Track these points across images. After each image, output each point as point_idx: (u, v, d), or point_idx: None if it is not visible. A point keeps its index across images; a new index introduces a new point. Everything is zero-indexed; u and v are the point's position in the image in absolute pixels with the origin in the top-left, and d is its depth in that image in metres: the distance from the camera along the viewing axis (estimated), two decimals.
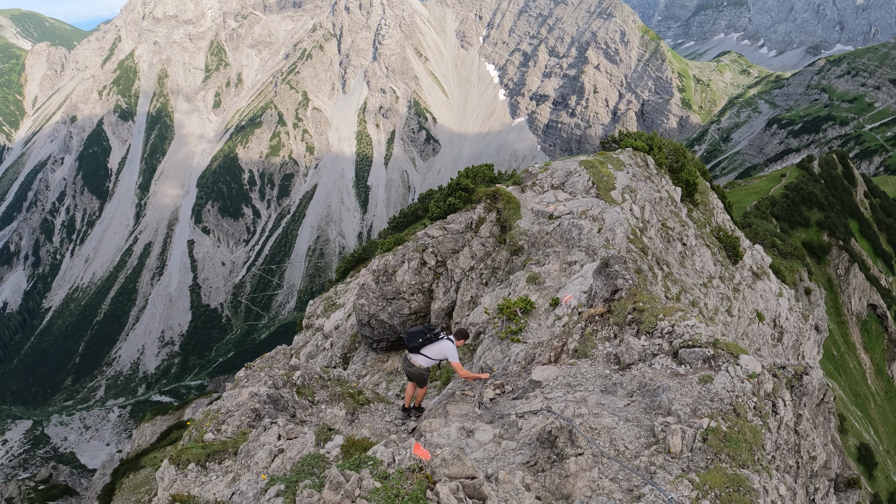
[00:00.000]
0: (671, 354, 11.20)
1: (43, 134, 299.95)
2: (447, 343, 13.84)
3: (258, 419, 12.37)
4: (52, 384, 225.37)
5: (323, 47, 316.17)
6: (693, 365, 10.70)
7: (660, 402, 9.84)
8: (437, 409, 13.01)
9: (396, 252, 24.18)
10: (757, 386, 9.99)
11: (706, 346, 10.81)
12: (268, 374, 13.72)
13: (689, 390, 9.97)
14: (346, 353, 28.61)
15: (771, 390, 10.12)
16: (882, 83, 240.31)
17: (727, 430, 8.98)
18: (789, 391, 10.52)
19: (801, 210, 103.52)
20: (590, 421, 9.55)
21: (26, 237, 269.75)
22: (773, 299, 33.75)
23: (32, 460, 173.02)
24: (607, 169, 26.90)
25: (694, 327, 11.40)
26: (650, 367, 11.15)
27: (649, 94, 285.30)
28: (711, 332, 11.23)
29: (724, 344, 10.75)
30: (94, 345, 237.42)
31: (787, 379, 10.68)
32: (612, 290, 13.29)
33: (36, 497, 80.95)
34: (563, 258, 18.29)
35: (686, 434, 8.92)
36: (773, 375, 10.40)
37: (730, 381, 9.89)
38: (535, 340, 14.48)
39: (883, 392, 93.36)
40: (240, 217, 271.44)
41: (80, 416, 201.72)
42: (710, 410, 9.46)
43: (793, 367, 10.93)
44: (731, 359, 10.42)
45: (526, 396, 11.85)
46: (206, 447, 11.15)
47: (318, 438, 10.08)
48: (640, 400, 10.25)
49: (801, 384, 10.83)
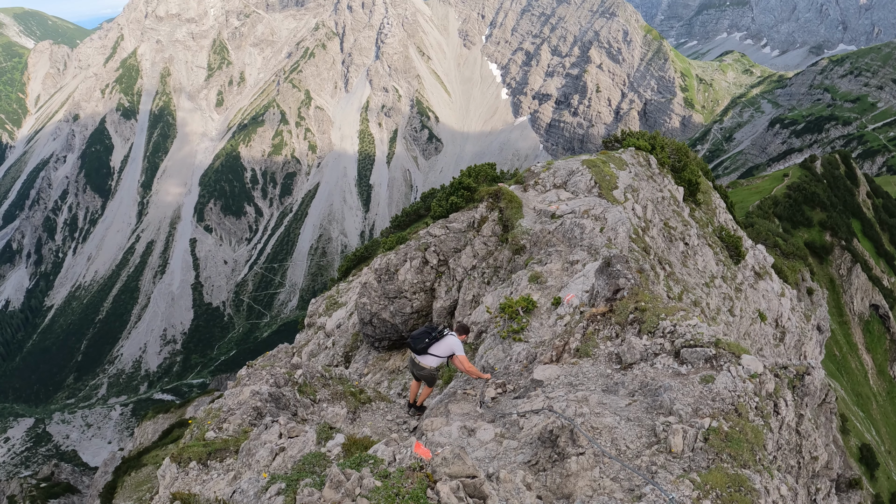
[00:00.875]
0: (673, 354, 11.16)
1: (45, 132, 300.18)
2: (452, 338, 13.87)
3: (260, 417, 12.35)
4: (54, 382, 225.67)
5: (325, 46, 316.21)
6: (695, 365, 10.66)
7: (661, 401, 9.80)
8: (438, 408, 13.00)
9: (398, 251, 24.16)
10: (759, 386, 9.96)
11: (708, 345, 10.77)
12: (270, 372, 13.69)
13: (690, 390, 9.92)
14: (348, 351, 28.61)
15: (773, 390, 10.10)
16: (885, 83, 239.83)
17: (729, 430, 8.95)
18: (791, 391, 10.48)
19: (803, 210, 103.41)
20: (591, 420, 9.53)
21: (29, 235, 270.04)
22: (775, 299, 33.72)
23: (34, 458, 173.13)
24: (609, 168, 26.89)
25: (696, 327, 11.36)
26: (652, 366, 11.10)
27: (652, 93, 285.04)
28: (713, 332, 11.18)
29: (725, 344, 10.71)
30: (97, 343, 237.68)
31: (789, 379, 10.63)
32: (614, 290, 13.24)
33: (38, 495, 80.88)
34: (565, 257, 18.27)
35: (687, 434, 8.90)
36: (774, 375, 10.36)
37: (731, 381, 9.85)
38: (536, 339, 14.47)
39: (885, 393, 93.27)
40: (242, 215, 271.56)
41: (82, 414, 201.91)
42: (712, 410, 9.43)
43: (794, 367, 10.87)
44: (732, 359, 10.38)
45: (527, 395, 11.83)
46: (208, 445, 11.12)
47: (320, 437, 10.04)
48: (642, 399, 10.21)
49: (803, 384, 10.77)
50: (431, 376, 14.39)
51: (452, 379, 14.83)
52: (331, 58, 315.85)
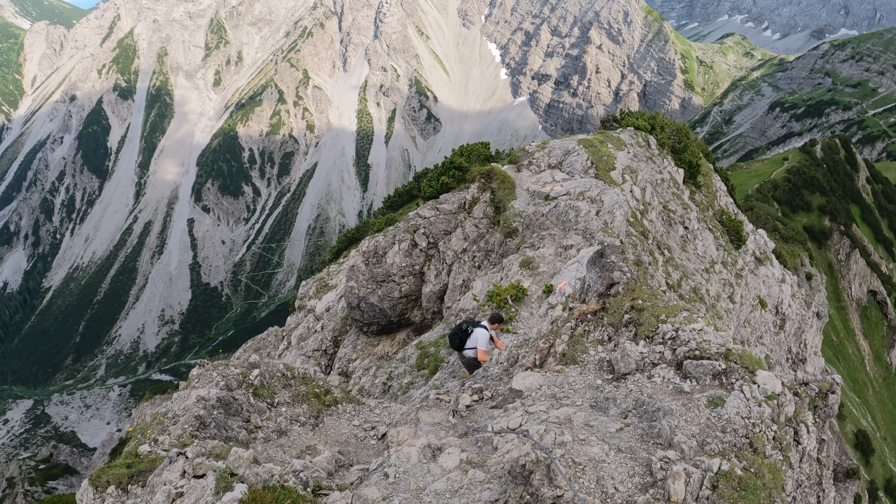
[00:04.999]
0: (674, 365, 9.87)
1: (42, 113, 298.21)
2: (479, 331, 14.00)
3: (203, 428, 10.87)
4: (52, 363, 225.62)
5: (324, 25, 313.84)
6: (700, 381, 9.36)
7: (660, 429, 8.53)
8: (409, 414, 12.09)
9: (387, 233, 23.38)
10: (777, 410, 8.63)
11: (716, 357, 9.47)
12: (221, 373, 12.13)
13: (695, 416, 8.56)
14: (337, 336, 27.92)
15: (793, 414, 8.79)
16: (886, 69, 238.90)
17: (742, 474, 7.64)
18: (812, 412, 9.16)
19: (802, 194, 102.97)
20: (574, 451, 8.22)
21: (26, 217, 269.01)
22: (775, 285, 33.02)
23: (33, 440, 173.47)
24: (607, 148, 26.08)
25: (701, 333, 10.13)
26: (649, 379, 9.85)
27: (652, 75, 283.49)
28: (722, 339, 9.91)
29: (737, 356, 9.39)
30: (95, 324, 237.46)
31: (811, 398, 9.25)
32: (607, 284, 12.15)
33: (36, 476, 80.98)
34: (558, 242, 17.49)
35: (692, 478, 7.58)
36: (794, 394, 9.05)
37: (745, 405, 8.52)
38: (525, 331, 13.73)
39: (881, 379, 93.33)
40: (240, 195, 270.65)
41: (81, 395, 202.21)
42: (722, 445, 8.08)
43: (817, 383, 9.41)
44: (745, 375, 9.08)
45: (505, 407, 10.73)
46: (133, 466, 9.73)
47: (218, 486, 8.28)
48: (637, 423, 8.95)
49: (826, 404, 9.39)
50: (471, 366, 14.73)
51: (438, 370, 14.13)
52: (329, 37, 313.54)
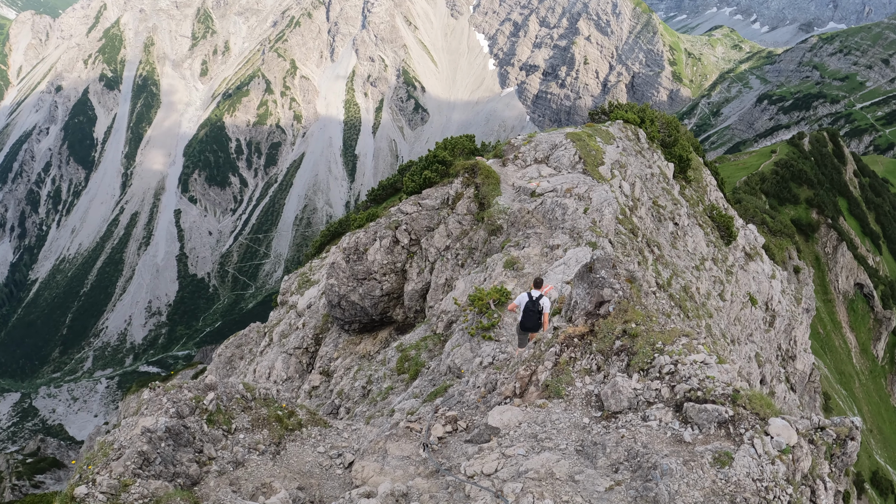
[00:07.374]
0: (673, 406, 8.77)
1: (28, 104, 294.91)
2: (545, 302, 13.06)
3: (147, 465, 9.59)
4: (39, 356, 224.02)
5: (311, 15, 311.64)
6: (704, 430, 8.29)
7: (657, 494, 7.42)
8: (377, 443, 11.06)
9: (368, 229, 22.66)
10: (792, 466, 7.61)
11: (722, 401, 8.33)
12: (172, 398, 10.92)
13: (698, 478, 7.43)
14: (319, 333, 27.25)
15: (808, 470, 7.80)
16: (874, 63, 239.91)
17: None
18: (828, 461, 8.16)
19: (790, 187, 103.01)
20: None
21: (12, 208, 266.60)
22: (765, 281, 32.54)
23: (21, 433, 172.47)
24: (596, 142, 25.45)
25: (704, 367, 9.01)
26: (644, 421, 8.73)
27: (640, 66, 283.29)
28: (728, 376, 8.86)
29: (746, 398, 8.32)
30: (82, 316, 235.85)
31: (828, 446, 8.20)
32: (596, 302, 10.85)
33: (24, 471, 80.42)
34: (544, 241, 16.77)
35: None
36: (809, 442, 8.04)
37: (756, 464, 7.45)
38: (507, 339, 13.00)
39: (868, 371, 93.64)
40: (227, 186, 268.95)
41: (68, 387, 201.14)
42: None
43: (834, 428, 8.35)
44: (756, 423, 8.02)
45: (479, 446, 9.69)
46: None
47: None
48: (629, 481, 7.85)
49: (845, 452, 8.36)
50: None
51: (418, 376, 13.43)
52: (317, 27, 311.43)
